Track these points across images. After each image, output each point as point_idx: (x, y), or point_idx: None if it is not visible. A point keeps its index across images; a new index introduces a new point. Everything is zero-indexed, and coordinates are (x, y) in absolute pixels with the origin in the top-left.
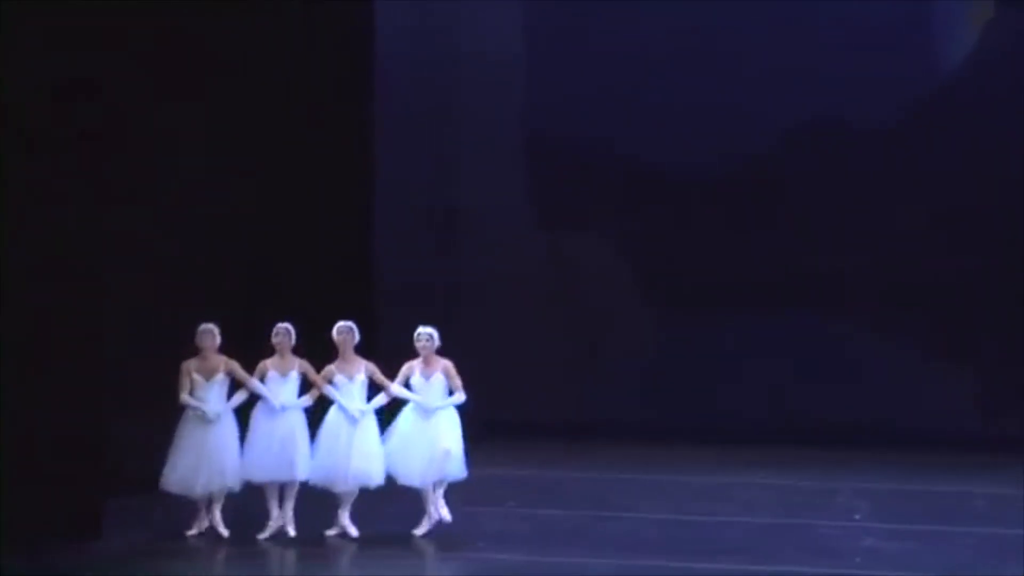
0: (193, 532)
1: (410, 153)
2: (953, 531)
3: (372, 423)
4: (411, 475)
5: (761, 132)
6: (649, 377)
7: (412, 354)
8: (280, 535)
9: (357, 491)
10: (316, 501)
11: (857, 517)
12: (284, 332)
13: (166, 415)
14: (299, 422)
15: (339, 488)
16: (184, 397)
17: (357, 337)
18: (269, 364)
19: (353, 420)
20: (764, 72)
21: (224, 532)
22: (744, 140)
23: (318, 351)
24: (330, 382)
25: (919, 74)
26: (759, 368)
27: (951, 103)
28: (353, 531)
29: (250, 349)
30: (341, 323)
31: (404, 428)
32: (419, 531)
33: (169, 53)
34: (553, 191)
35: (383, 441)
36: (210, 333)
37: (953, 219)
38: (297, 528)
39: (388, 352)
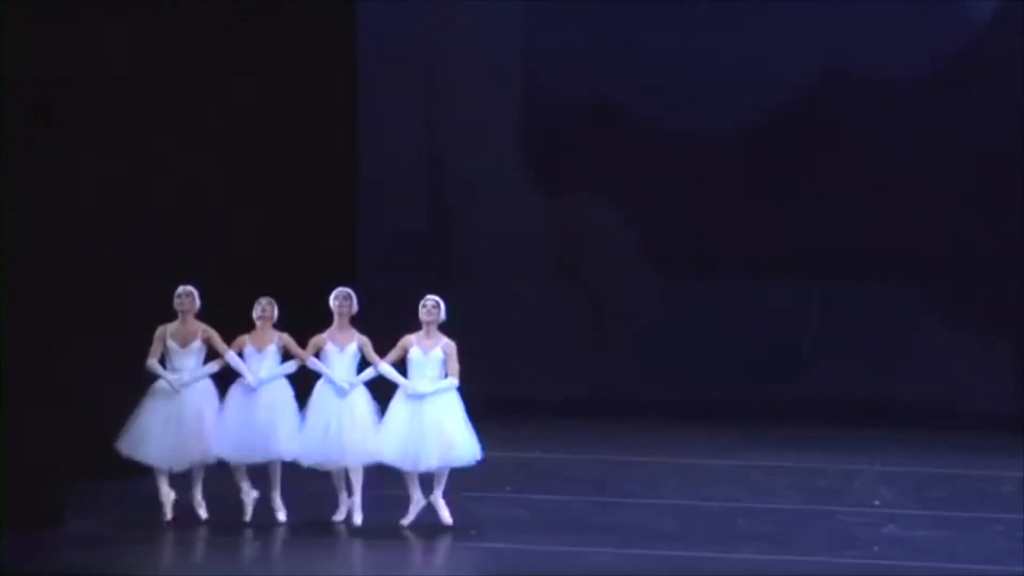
0: (167, 515)
1: (400, 114)
2: (979, 518)
3: (364, 397)
4: (407, 459)
5: (776, 87)
6: (657, 352)
7: (401, 327)
8: (262, 519)
9: (361, 472)
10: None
11: (877, 503)
12: (266, 305)
13: (136, 399)
14: (281, 398)
15: (334, 467)
16: (151, 363)
17: (355, 307)
18: (247, 338)
19: (342, 392)
20: (779, 23)
21: (203, 514)
22: (758, 96)
23: (301, 324)
24: (319, 352)
25: (946, 26)
26: (777, 342)
27: (984, 55)
28: (358, 518)
29: (230, 319)
30: (339, 289)
31: (399, 410)
32: (406, 520)
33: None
34: (552, 152)
35: (378, 422)
36: (189, 296)
37: (988, 182)
38: (288, 513)
39: (375, 326)
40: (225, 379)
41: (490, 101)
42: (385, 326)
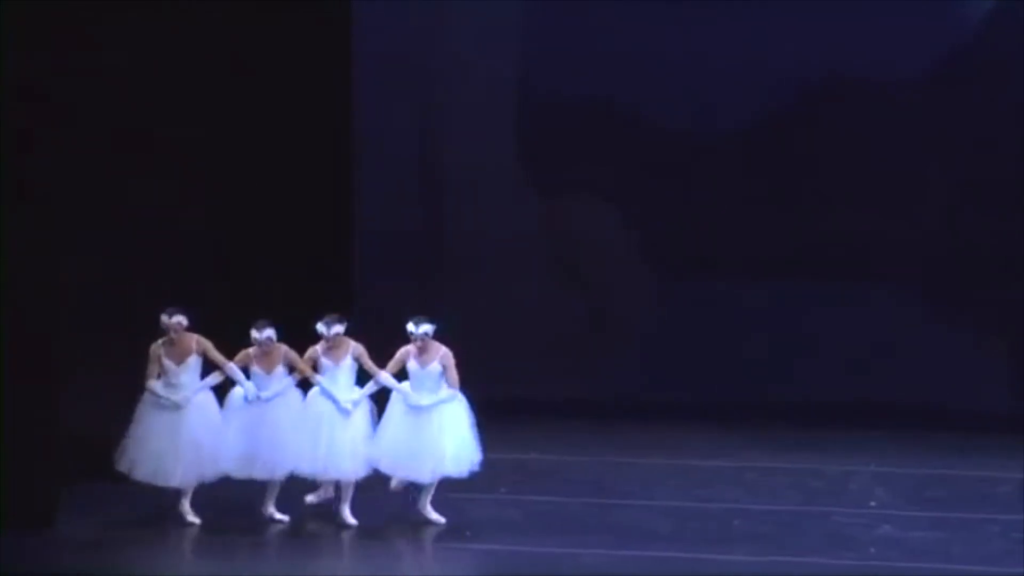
0: (193, 520)
1: (397, 115)
2: (976, 519)
3: (362, 409)
4: (399, 470)
5: (776, 87)
6: (656, 352)
7: (399, 329)
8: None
9: (353, 482)
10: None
11: (872, 504)
12: (267, 342)
13: (128, 401)
14: (285, 412)
15: (329, 479)
16: (151, 384)
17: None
18: (253, 358)
19: (345, 413)
20: (779, 23)
21: (195, 520)
22: (758, 96)
23: (297, 325)
24: (315, 365)
25: (946, 25)
26: (774, 343)
27: (984, 55)
28: (351, 520)
29: (226, 320)
30: (327, 327)
31: (396, 419)
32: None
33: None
34: (551, 153)
35: (374, 431)
36: (178, 326)
37: (988, 182)
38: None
39: (373, 327)
40: (222, 385)
41: (488, 101)
42: (383, 327)
